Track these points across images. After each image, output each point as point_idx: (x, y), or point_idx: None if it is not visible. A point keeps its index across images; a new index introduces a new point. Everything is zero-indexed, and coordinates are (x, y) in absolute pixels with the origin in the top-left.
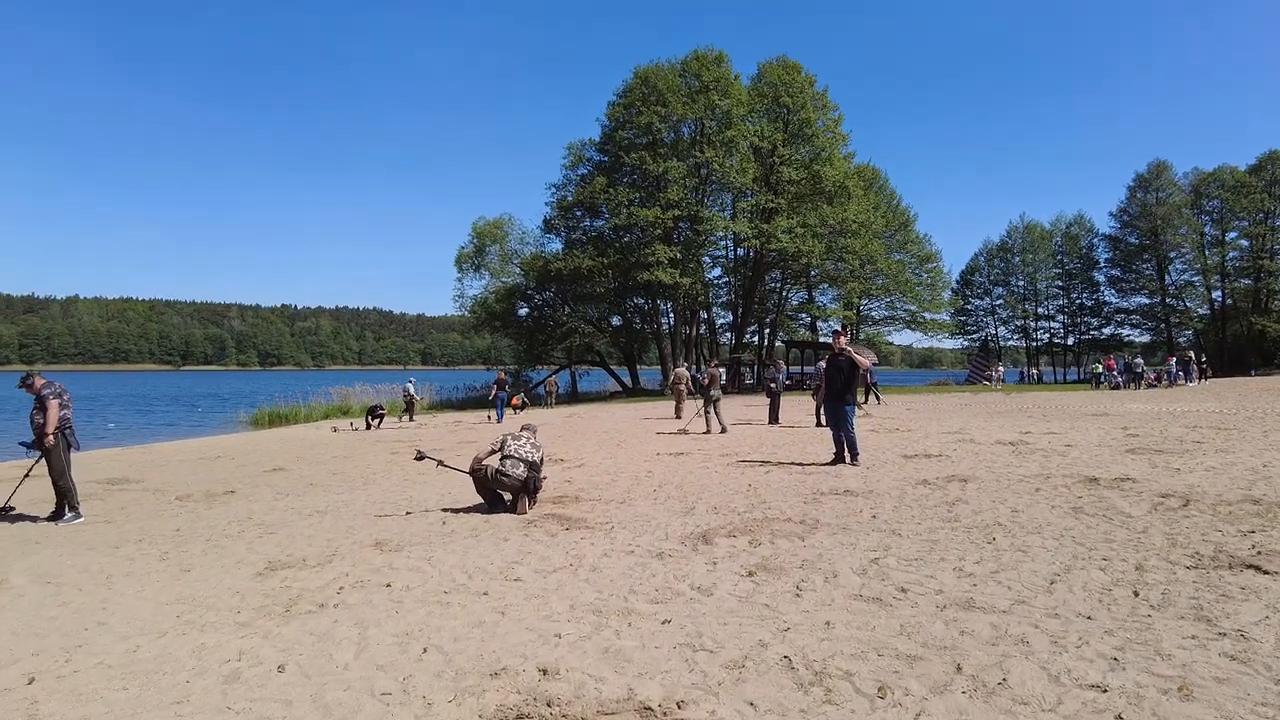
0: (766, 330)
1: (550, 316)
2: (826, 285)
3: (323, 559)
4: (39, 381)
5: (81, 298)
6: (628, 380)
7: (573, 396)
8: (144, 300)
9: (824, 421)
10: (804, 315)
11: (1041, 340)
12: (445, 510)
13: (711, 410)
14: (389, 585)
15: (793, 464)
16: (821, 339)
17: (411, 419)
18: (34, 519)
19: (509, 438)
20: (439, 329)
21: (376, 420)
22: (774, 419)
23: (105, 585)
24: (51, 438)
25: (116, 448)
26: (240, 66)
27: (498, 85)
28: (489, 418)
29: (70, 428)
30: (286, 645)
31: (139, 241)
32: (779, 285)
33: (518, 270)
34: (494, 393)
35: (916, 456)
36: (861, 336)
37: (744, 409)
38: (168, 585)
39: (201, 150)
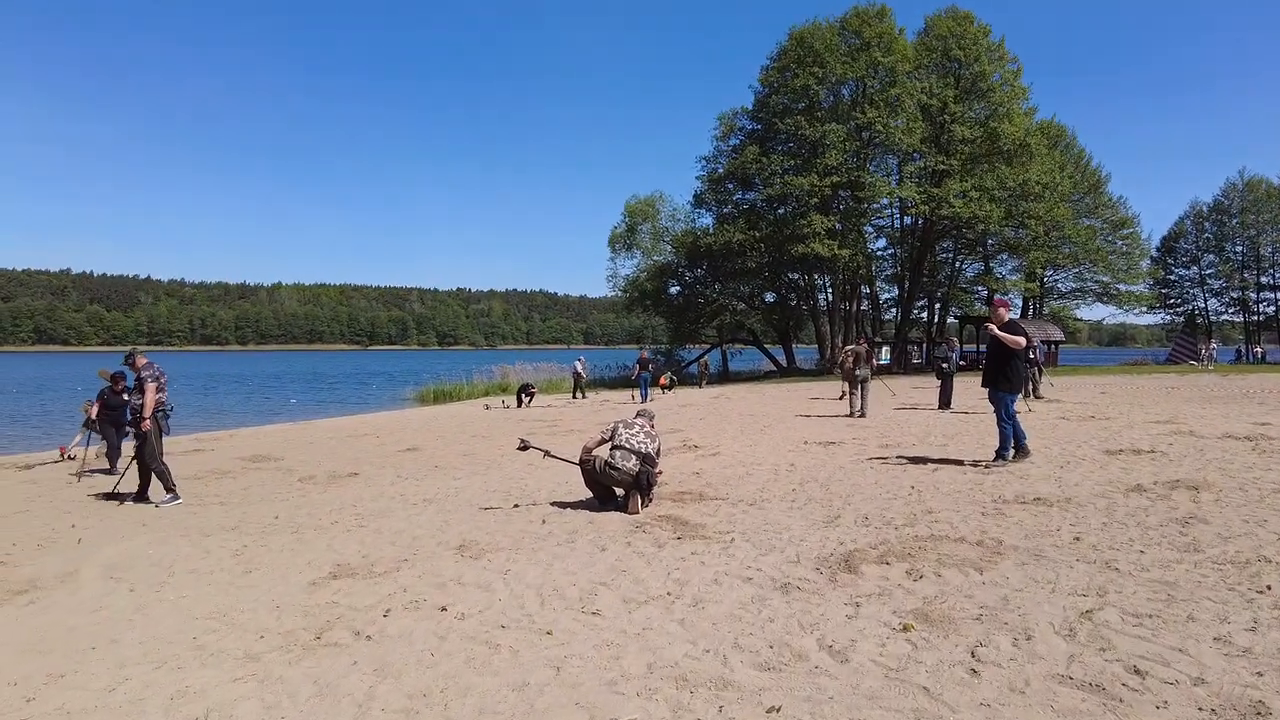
0: (937, 305)
1: (701, 294)
2: (1006, 255)
3: (394, 564)
4: (141, 360)
5: (284, 284)
6: (782, 359)
7: (724, 376)
8: (335, 285)
9: None
10: (980, 288)
11: (1266, 314)
12: (554, 505)
13: (857, 392)
14: (444, 609)
15: (966, 461)
16: None
17: (583, 396)
18: (151, 503)
19: (620, 425)
20: (599, 309)
21: (527, 398)
22: (945, 404)
23: (158, 586)
24: (148, 422)
25: (286, 423)
26: (408, 71)
27: (648, 62)
28: (633, 398)
29: (165, 411)
30: (272, 701)
31: (330, 232)
32: (951, 256)
33: (669, 248)
34: (636, 372)
35: (1122, 452)
36: (1045, 311)
37: (911, 391)
38: (217, 591)
39: (381, 149)
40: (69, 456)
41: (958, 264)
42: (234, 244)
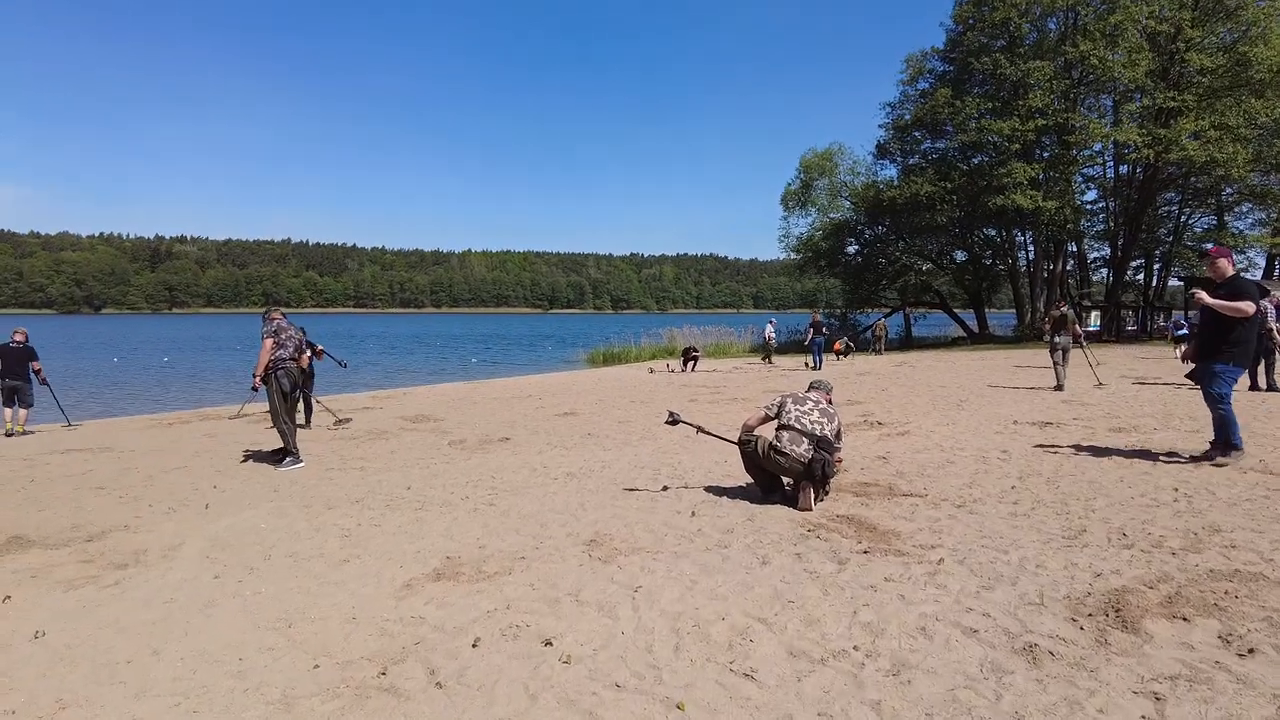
0: (1156, 265)
1: (882, 253)
2: (1249, 205)
3: (509, 562)
4: (274, 315)
5: (473, 251)
6: (973, 324)
7: (905, 342)
8: (520, 252)
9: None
10: (1209, 245)
11: None
12: (708, 490)
13: (1059, 361)
14: (548, 644)
15: (1212, 456)
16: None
17: (770, 361)
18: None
19: (789, 400)
20: (770, 273)
21: (691, 363)
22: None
23: (247, 572)
24: (258, 379)
25: (460, 382)
26: (581, 57)
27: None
28: (806, 364)
29: (284, 369)
30: None
31: (516, 202)
32: (1175, 209)
33: (847, 204)
34: (809, 336)
35: None
36: None
37: (1136, 362)
38: (301, 586)
39: (560, 123)
40: (241, 414)
41: (1183, 218)
42: (429, 214)
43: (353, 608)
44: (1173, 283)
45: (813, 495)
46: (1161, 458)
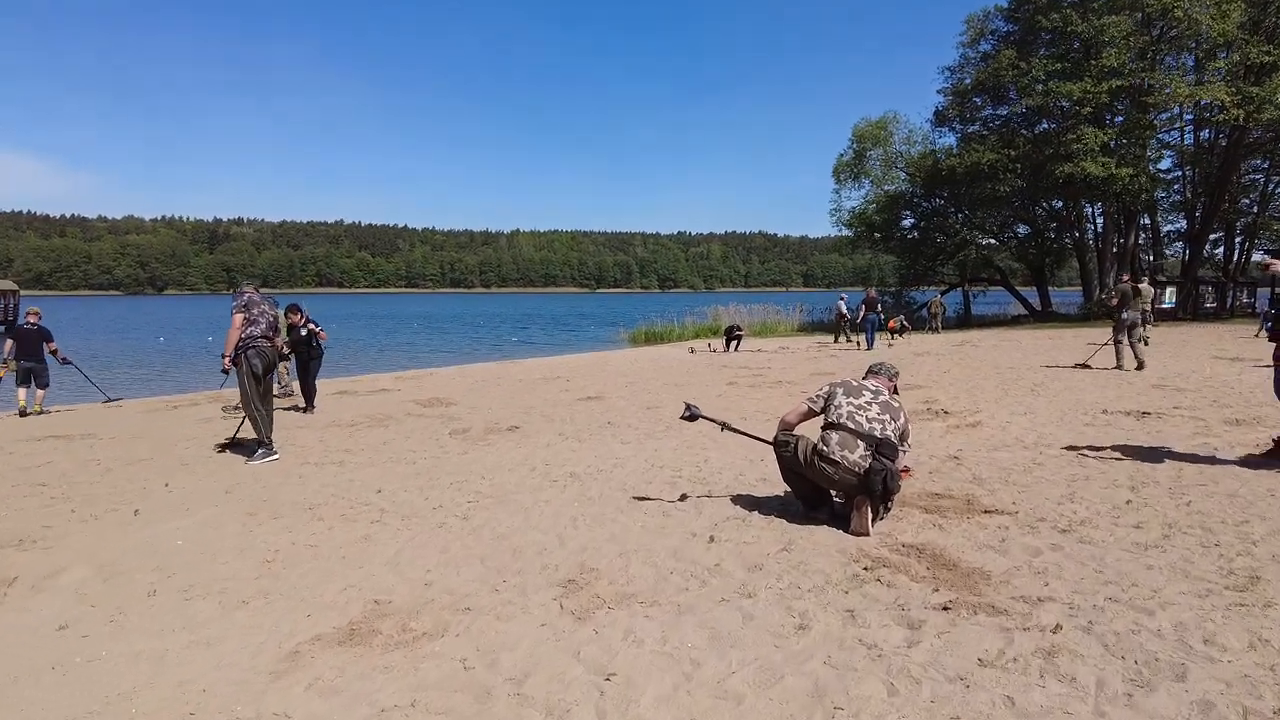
0: (1238, 238)
1: (939, 227)
2: None
3: (448, 615)
4: (246, 289)
5: (521, 230)
6: (1035, 302)
7: (964, 321)
8: (567, 232)
9: None
10: None
11: None
12: (736, 501)
13: (1124, 339)
14: None
15: None
16: None
17: (848, 340)
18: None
19: (840, 391)
20: (820, 250)
21: (735, 342)
22: None
23: (109, 619)
24: (227, 361)
25: (493, 362)
26: (632, 30)
27: None
28: (858, 344)
29: (255, 348)
30: None
31: (563, 181)
32: (1263, 177)
33: (902, 175)
34: (862, 314)
35: None
36: None
37: (1226, 342)
38: (155, 653)
39: (605, 101)
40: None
41: (1271, 186)
42: (478, 194)
43: (200, 694)
44: (1257, 257)
45: (870, 516)
46: None
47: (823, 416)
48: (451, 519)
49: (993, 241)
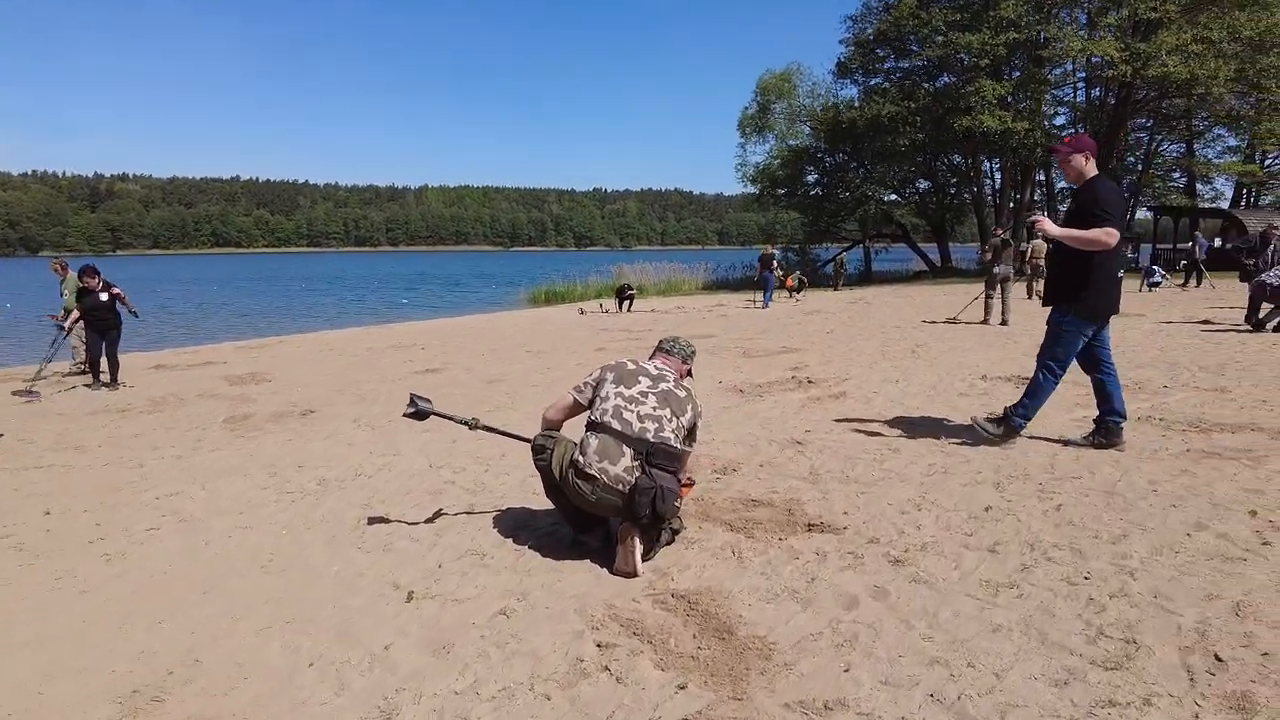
0: (1126, 195)
1: (842, 182)
2: (1221, 130)
3: None
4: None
5: (430, 186)
6: (936, 258)
7: (865, 277)
8: (478, 187)
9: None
10: (1178, 173)
11: None
12: (500, 517)
13: (995, 294)
14: None
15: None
16: (1204, 205)
17: (798, 297)
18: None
19: (609, 377)
20: (735, 208)
21: (627, 301)
22: (1255, 317)
23: None
24: None
25: (362, 327)
26: None
27: None
28: (754, 302)
29: None
30: None
31: (472, 135)
32: (1147, 136)
33: (806, 129)
34: (759, 271)
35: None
36: (1266, 200)
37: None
38: None
39: (524, 59)
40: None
41: (1154, 145)
42: (383, 148)
43: None
44: (1140, 214)
45: (638, 550)
46: (1188, 431)
47: (592, 408)
48: (90, 561)
49: (894, 197)
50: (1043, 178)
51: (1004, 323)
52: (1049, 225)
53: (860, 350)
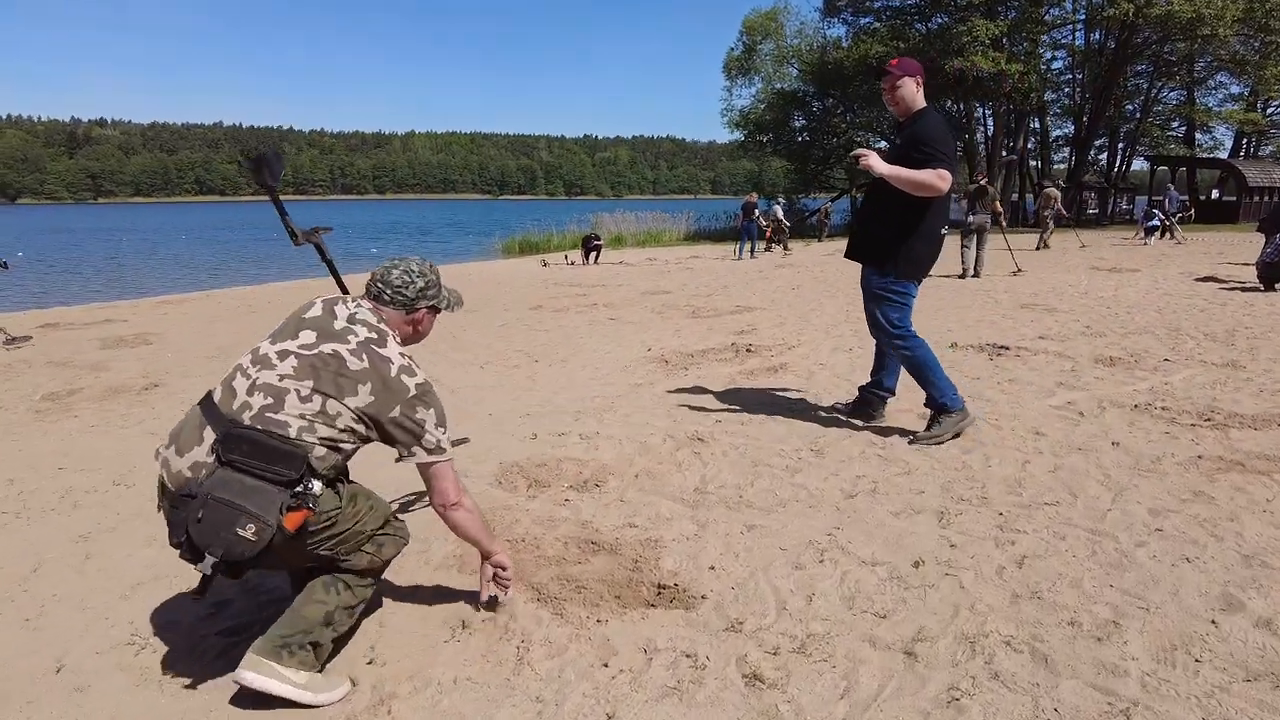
0: (1121, 145)
1: (830, 127)
2: (1224, 76)
3: None
4: None
5: (417, 132)
6: None
7: (850, 228)
8: (466, 134)
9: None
10: (1177, 121)
11: None
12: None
13: (971, 244)
14: None
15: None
16: (1202, 155)
17: (786, 248)
18: None
19: (249, 359)
20: (729, 156)
21: (594, 253)
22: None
23: None
24: None
25: (311, 279)
26: None
27: None
28: (734, 252)
29: None
30: None
31: (461, 79)
32: (1146, 82)
33: (794, 71)
34: (739, 221)
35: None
36: (1267, 149)
37: (1106, 250)
38: None
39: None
40: None
41: (1153, 92)
42: (370, 92)
43: None
44: (1137, 164)
45: (260, 671)
46: (1198, 425)
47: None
48: None
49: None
50: (1037, 125)
51: (976, 274)
52: (876, 161)
53: (821, 310)
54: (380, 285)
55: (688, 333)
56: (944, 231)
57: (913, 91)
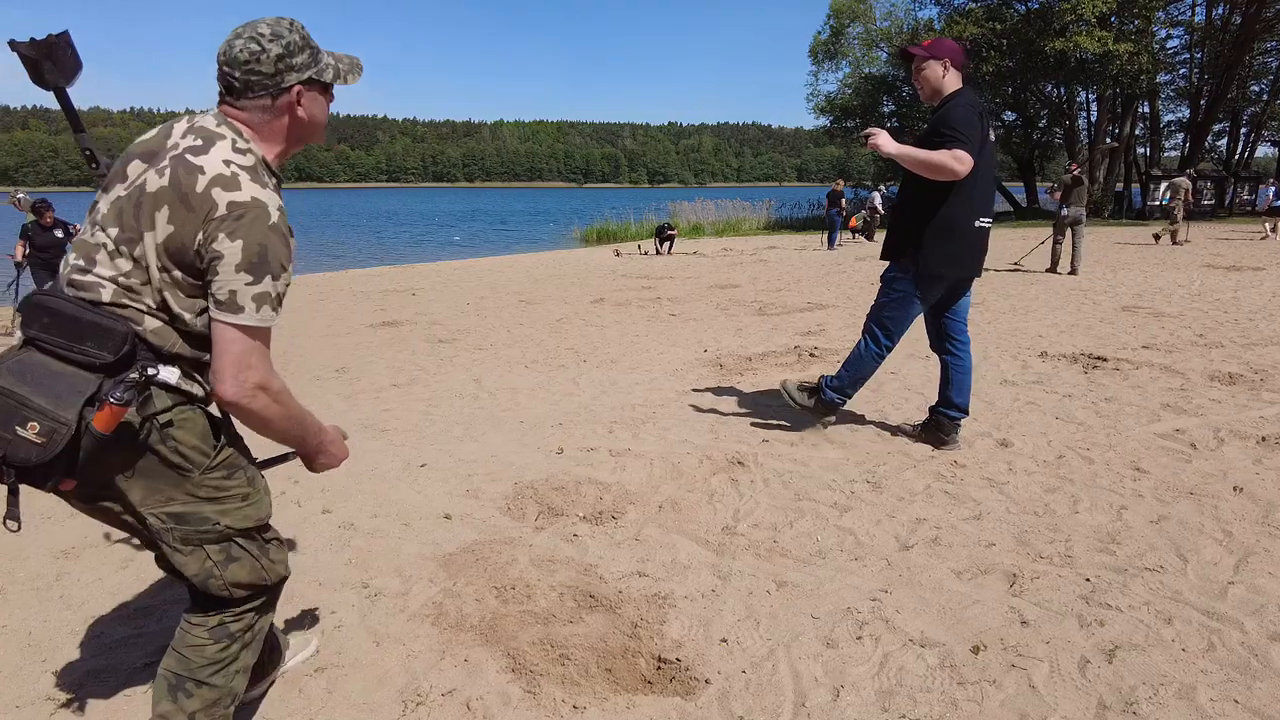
0: (1244, 130)
1: (920, 111)
2: None
3: None
4: None
5: (505, 121)
6: (1022, 197)
7: None
8: (553, 122)
9: None
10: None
11: None
12: None
13: (1064, 237)
14: None
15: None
16: None
17: (870, 239)
18: None
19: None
20: (816, 143)
21: (668, 243)
22: None
23: None
24: None
25: (394, 266)
26: None
27: None
28: (821, 242)
29: None
30: None
31: (549, 67)
32: (1276, 61)
33: (883, 55)
34: (826, 210)
35: None
36: None
37: (1220, 245)
38: None
39: None
40: None
41: None
42: (461, 80)
43: None
44: (1263, 150)
45: None
46: None
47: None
48: None
49: None
50: (1147, 109)
51: (1073, 271)
52: (884, 140)
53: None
54: (227, 70)
55: (750, 332)
56: (979, 224)
57: (939, 75)
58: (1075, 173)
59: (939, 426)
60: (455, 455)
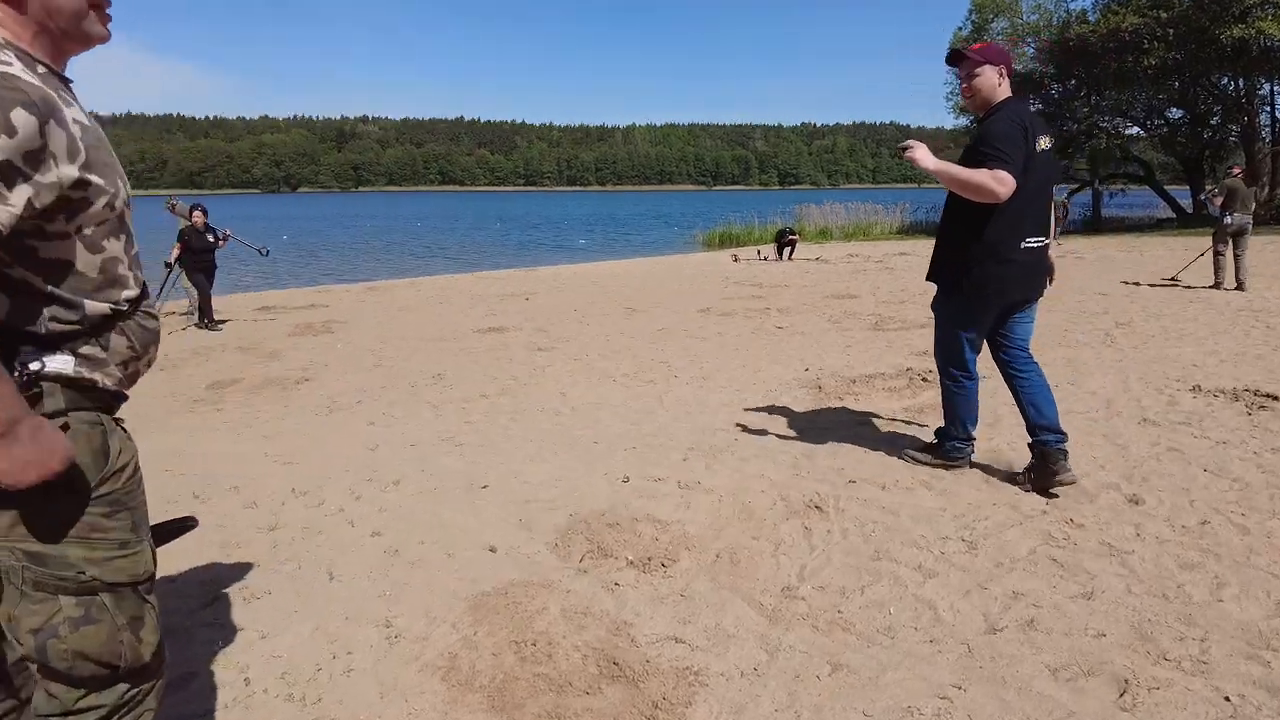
0: None
1: (1068, 111)
2: None
3: None
4: None
5: (637, 125)
6: (1188, 203)
7: (1093, 224)
8: (684, 125)
9: None
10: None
11: None
12: None
13: (1227, 248)
14: None
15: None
16: None
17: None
18: None
19: None
20: (956, 144)
21: (788, 249)
22: None
23: None
24: None
25: (518, 269)
26: None
27: None
28: None
29: None
30: None
31: (680, 70)
32: None
33: (1030, 51)
34: None
35: None
36: None
37: None
38: None
39: None
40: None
41: None
42: (595, 84)
43: None
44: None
45: None
46: None
47: None
48: None
49: (1134, 130)
50: None
51: (1239, 287)
52: (923, 154)
53: (1039, 338)
54: None
55: (861, 349)
56: (1027, 244)
57: (993, 83)
58: (1236, 174)
59: (1043, 459)
60: (521, 477)
